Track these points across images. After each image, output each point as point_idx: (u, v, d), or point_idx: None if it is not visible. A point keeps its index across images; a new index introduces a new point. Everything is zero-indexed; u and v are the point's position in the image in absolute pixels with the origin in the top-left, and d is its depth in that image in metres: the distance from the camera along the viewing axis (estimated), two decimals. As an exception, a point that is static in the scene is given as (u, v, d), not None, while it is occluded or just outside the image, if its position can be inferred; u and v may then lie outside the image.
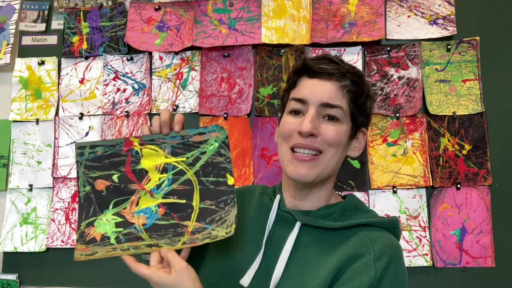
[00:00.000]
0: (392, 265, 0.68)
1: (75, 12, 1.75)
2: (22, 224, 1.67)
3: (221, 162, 0.81)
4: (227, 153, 0.82)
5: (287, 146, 0.78)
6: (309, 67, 0.78)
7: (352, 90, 0.76)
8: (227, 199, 0.78)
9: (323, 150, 0.75)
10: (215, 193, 0.79)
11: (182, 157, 0.80)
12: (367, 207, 0.84)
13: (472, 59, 1.56)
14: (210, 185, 0.80)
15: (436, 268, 1.49)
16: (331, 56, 0.80)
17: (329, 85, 0.75)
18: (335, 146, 0.76)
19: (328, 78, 0.76)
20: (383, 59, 1.58)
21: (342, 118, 0.76)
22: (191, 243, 0.74)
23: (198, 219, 0.77)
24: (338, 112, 0.75)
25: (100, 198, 0.79)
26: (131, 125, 1.67)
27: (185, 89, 1.66)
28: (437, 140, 1.54)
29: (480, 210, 1.50)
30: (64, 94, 1.72)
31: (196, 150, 0.81)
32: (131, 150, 0.80)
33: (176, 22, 1.69)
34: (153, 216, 0.78)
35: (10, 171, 1.71)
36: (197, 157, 0.80)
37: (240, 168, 1.59)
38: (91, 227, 0.77)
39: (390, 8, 1.61)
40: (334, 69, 0.76)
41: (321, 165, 0.76)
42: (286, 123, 0.79)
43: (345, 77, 0.76)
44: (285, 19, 1.62)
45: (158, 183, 0.79)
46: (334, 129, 0.75)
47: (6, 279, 1.63)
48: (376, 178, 1.54)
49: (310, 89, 0.76)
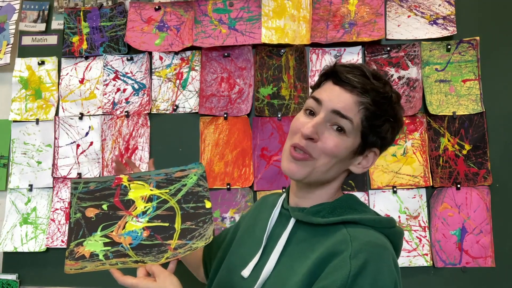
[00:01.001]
0: (372, 264, 0.66)
1: (75, 12, 1.75)
2: (22, 224, 1.67)
3: (199, 191, 0.92)
4: (205, 184, 0.92)
5: (290, 142, 0.79)
6: (337, 73, 0.77)
7: (369, 108, 0.74)
8: (205, 219, 0.88)
9: (316, 158, 0.76)
10: (195, 216, 0.89)
11: (166, 189, 0.92)
12: (365, 208, 0.82)
13: (472, 59, 1.56)
14: (190, 210, 0.89)
15: (436, 268, 1.49)
16: (366, 68, 0.77)
17: (348, 96, 0.74)
18: (330, 156, 0.75)
19: (350, 90, 0.75)
20: (383, 59, 1.58)
21: (350, 132, 0.75)
22: (173, 257, 0.82)
23: (180, 238, 0.86)
24: (347, 124, 0.74)
25: (89, 223, 0.88)
26: (131, 125, 1.67)
27: (185, 89, 1.66)
28: (437, 140, 1.54)
29: (480, 210, 1.50)
30: (64, 94, 1.72)
31: (178, 183, 0.93)
32: (120, 185, 0.92)
33: (176, 22, 1.69)
34: (138, 237, 0.86)
35: (10, 171, 1.71)
36: (179, 188, 0.92)
37: (240, 168, 1.59)
38: (80, 246, 0.85)
39: (390, 8, 1.61)
40: (359, 83, 0.74)
41: (310, 168, 0.77)
42: (298, 120, 0.79)
43: (366, 94, 0.74)
44: (285, 19, 1.62)
45: (144, 210, 0.89)
46: (335, 141, 0.75)
47: (6, 279, 1.63)
48: (376, 178, 1.54)
49: (329, 94, 0.76)
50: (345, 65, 0.78)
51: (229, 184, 1.58)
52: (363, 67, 0.78)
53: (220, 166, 1.61)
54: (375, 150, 0.80)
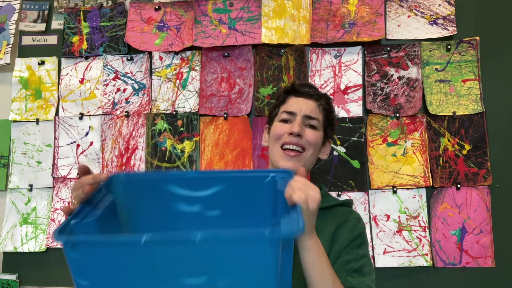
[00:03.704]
0: (362, 221, 1.00)
1: (75, 12, 1.75)
2: (22, 224, 1.67)
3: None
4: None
5: (279, 144, 1.00)
6: (296, 89, 1.04)
7: (326, 108, 1.03)
8: None
9: (306, 148, 0.99)
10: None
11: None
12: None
13: (472, 59, 1.56)
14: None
15: (436, 268, 1.49)
16: (310, 84, 1.14)
17: (310, 102, 1.02)
18: (314, 146, 1.00)
19: (310, 98, 1.03)
20: (383, 59, 1.58)
21: (319, 127, 1.02)
22: None
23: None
24: (316, 122, 1.01)
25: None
26: (131, 125, 1.67)
27: (185, 89, 1.66)
28: (437, 140, 1.54)
29: (480, 210, 1.50)
30: (64, 94, 1.72)
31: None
32: None
33: (176, 22, 1.69)
34: None
35: (10, 171, 1.71)
36: None
37: (240, 168, 1.59)
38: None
39: (390, 8, 1.61)
40: (313, 92, 1.04)
41: (303, 161, 0.99)
42: (279, 127, 1.01)
43: (321, 99, 1.03)
44: (285, 19, 1.62)
45: None
46: (314, 134, 1.00)
47: (6, 279, 1.63)
48: (376, 178, 1.54)
49: (298, 104, 1.02)
50: (298, 84, 1.07)
51: (229, 184, 1.58)
52: (309, 83, 1.15)
53: (220, 166, 1.61)
54: (329, 140, 1.08)
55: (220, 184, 0.80)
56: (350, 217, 0.99)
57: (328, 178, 1.56)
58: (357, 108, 1.58)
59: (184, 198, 0.80)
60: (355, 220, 0.98)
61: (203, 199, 0.80)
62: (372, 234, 1.52)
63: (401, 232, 1.51)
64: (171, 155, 1.64)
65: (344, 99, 1.59)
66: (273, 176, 0.78)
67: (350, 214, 1.01)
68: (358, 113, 1.58)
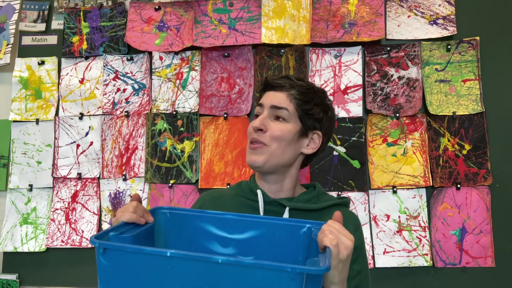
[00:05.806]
0: (360, 225, 0.99)
1: (75, 12, 1.75)
2: (22, 224, 1.67)
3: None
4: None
5: (249, 141, 0.96)
6: (269, 83, 1.00)
7: (297, 97, 0.96)
8: None
9: (267, 144, 0.94)
10: None
11: None
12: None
13: (472, 59, 1.56)
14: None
15: (436, 268, 1.49)
16: (291, 75, 1.02)
17: (279, 94, 0.97)
18: (279, 140, 0.94)
19: (280, 90, 0.97)
20: (383, 59, 1.58)
21: (289, 118, 0.95)
22: None
23: None
24: (284, 112, 0.95)
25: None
26: (131, 125, 1.67)
27: (185, 89, 1.66)
28: (437, 140, 1.54)
29: (480, 210, 1.50)
30: (64, 94, 1.72)
31: None
32: None
33: (176, 22, 1.69)
34: None
35: (10, 171, 1.71)
36: None
37: (240, 168, 1.59)
38: None
39: (390, 8, 1.61)
40: (285, 82, 0.97)
41: (266, 154, 0.93)
42: (250, 123, 0.98)
43: (293, 88, 0.97)
44: (285, 19, 1.62)
45: None
46: (279, 127, 0.94)
47: (6, 279, 1.63)
48: (376, 178, 1.54)
49: (267, 97, 0.99)
50: (273, 77, 1.02)
51: (229, 184, 1.58)
52: (289, 75, 1.04)
53: (220, 166, 1.61)
54: (317, 132, 0.99)
55: (256, 229, 0.82)
56: (347, 224, 0.90)
57: (328, 178, 1.56)
58: (357, 108, 1.58)
59: (220, 239, 0.83)
60: (352, 228, 0.93)
61: (237, 241, 0.82)
62: (372, 234, 1.52)
63: (401, 232, 1.51)
64: (171, 155, 1.64)
65: (344, 99, 1.59)
66: (309, 227, 0.79)
67: (347, 219, 0.92)
68: (358, 113, 1.58)
